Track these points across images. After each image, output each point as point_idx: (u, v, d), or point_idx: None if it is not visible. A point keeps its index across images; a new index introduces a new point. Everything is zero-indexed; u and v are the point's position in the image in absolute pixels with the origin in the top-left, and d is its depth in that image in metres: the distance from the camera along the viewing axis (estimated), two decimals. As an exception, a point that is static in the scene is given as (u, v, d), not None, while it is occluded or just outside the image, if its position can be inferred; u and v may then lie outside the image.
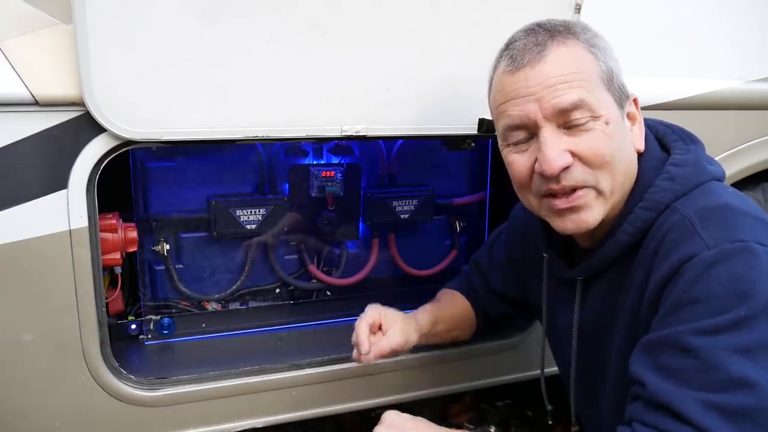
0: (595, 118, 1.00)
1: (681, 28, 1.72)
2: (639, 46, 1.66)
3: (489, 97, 1.14)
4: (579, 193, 1.02)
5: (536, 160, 1.03)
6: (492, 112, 1.13)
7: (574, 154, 1.00)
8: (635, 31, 1.66)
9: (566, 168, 1.00)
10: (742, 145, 1.78)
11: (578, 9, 1.44)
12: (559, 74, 1.00)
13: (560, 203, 1.04)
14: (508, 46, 1.08)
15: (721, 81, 1.73)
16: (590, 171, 1.01)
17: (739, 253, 0.90)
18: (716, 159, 1.72)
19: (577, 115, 1.00)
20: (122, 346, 1.56)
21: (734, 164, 1.78)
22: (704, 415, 0.85)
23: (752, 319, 0.87)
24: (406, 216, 1.81)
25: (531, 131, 1.04)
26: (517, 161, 1.07)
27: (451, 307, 1.49)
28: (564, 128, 1.01)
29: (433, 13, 1.34)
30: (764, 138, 1.81)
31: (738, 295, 0.88)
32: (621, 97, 1.05)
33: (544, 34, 1.03)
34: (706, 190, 1.03)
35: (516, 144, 1.07)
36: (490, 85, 1.12)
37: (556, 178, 1.01)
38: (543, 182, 1.04)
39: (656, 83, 1.66)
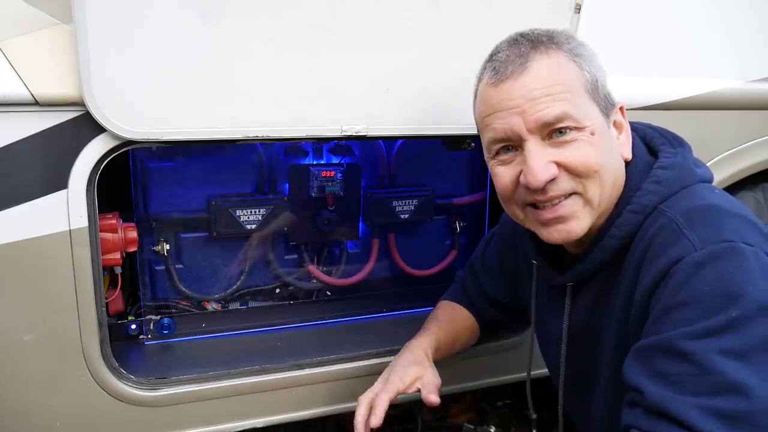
0: (579, 129, 1.00)
1: (681, 28, 1.72)
2: (639, 45, 1.66)
3: (473, 108, 1.13)
4: (565, 202, 1.02)
5: (521, 172, 1.03)
6: (477, 124, 1.13)
7: (560, 165, 1.00)
8: (635, 30, 1.66)
9: (552, 180, 1.00)
10: (742, 145, 1.78)
11: (578, 9, 1.44)
12: (542, 86, 0.99)
13: (546, 214, 1.03)
14: (491, 57, 1.07)
15: (721, 81, 1.73)
16: (578, 180, 1.01)
17: (726, 253, 0.90)
18: (716, 159, 1.75)
19: (562, 128, 0.99)
20: (122, 346, 1.55)
21: (734, 164, 1.78)
22: (703, 420, 0.85)
23: (744, 320, 0.86)
24: (406, 216, 1.81)
25: (516, 144, 1.03)
26: (502, 174, 1.07)
27: (449, 324, 1.45)
28: (548, 140, 1.01)
29: (433, 12, 1.34)
30: (764, 138, 1.81)
31: (726, 296, 0.87)
32: (606, 105, 1.05)
33: (526, 45, 1.02)
34: (691, 192, 1.02)
35: (501, 156, 1.07)
36: (475, 96, 1.12)
37: (543, 189, 1.00)
38: (527, 193, 1.03)
39: (656, 83, 1.66)
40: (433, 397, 1.21)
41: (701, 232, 0.93)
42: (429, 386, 1.23)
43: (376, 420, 1.16)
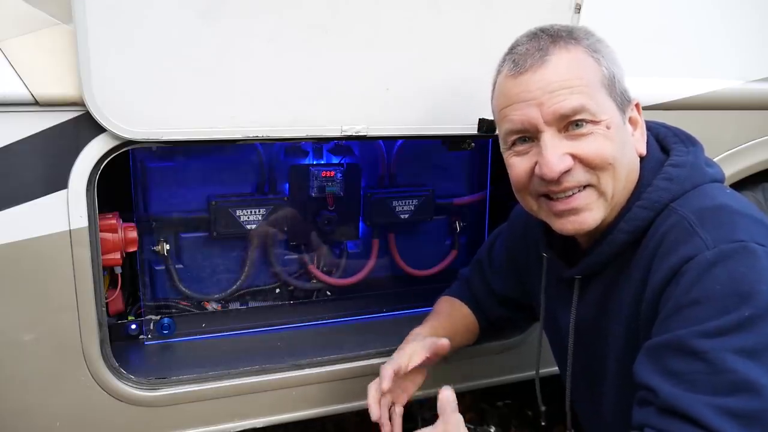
0: (595, 122, 1.01)
1: (681, 28, 1.72)
2: (639, 46, 1.66)
3: (492, 100, 1.14)
4: (578, 194, 1.03)
5: (536, 163, 1.04)
6: (494, 115, 1.14)
7: (575, 157, 1.02)
8: (635, 30, 1.66)
9: (567, 171, 1.01)
10: (742, 145, 1.78)
11: (578, 9, 1.44)
12: (560, 79, 1.00)
13: (559, 205, 1.05)
14: (511, 50, 1.08)
15: (721, 81, 1.73)
16: (592, 172, 1.02)
17: (738, 253, 0.91)
18: (716, 159, 1.75)
19: (578, 120, 1.01)
20: (122, 346, 1.55)
21: (734, 164, 1.78)
22: (718, 419, 0.85)
23: (756, 319, 0.87)
24: (406, 216, 1.81)
25: (532, 135, 1.05)
26: (517, 164, 1.09)
27: (448, 319, 1.47)
28: (564, 132, 1.02)
29: (433, 12, 1.34)
30: (764, 138, 1.81)
31: (739, 296, 0.88)
32: (623, 102, 1.06)
33: (546, 39, 1.04)
34: (702, 192, 1.03)
35: (517, 147, 1.08)
36: (494, 88, 1.13)
37: (557, 180, 1.02)
38: (541, 183, 1.05)
39: (656, 83, 1.66)
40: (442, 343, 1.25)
41: (713, 231, 0.94)
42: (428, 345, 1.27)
43: (386, 384, 1.20)
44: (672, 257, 0.95)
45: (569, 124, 1.01)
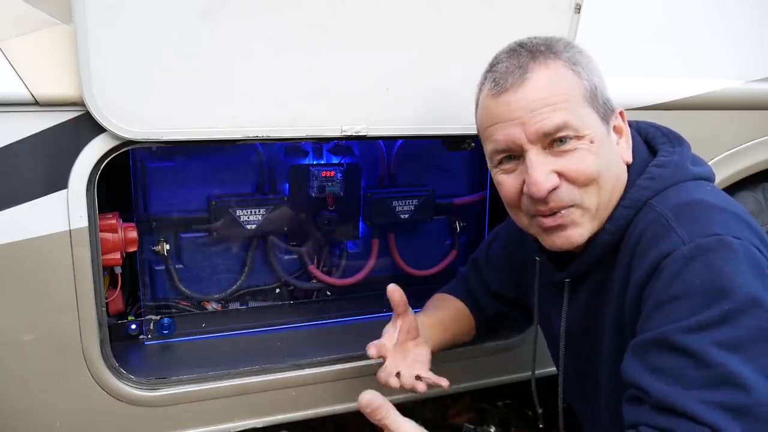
0: (579, 138, 1.01)
1: (681, 28, 1.72)
2: (639, 45, 1.66)
3: (475, 117, 1.14)
4: (563, 212, 1.04)
5: (524, 181, 1.05)
6: (479, 133, 1.14)
7: (560, 174, 1.02)
8: (635, 30, 1.66)
9: (554, 189, 1.02)
10: (742, 145, 1.79)
11: (578, 9, 1.44)
12: (541, 97, 1.01)
13: (548, 222, 1.06)
14: (491, 68, 1.08)
15: (721, 81, 1.73)
16: (576, 190, 1.03)
17: (715, 246, 0.91)
18: (716, 159, 1.75)
19: (562, 137, 1.01)
20: (122, 346, 1.55)
21: (734, 164, 1.78)
22: (710, 413, 0.85)
23: (736, 312, 0.87)
24: (406, 216, 1.81)
25: (517, 154, 1.05)
26: (506, 183, 1.09)
27: (436, 310, 1.46)
28: (549, 149, 1.02)
29: (433, 12, 1.34)
30: (764, 138, 1.81)
31: (718, 289, 0.88)
32: (606, 112, 1.06)
33: (525, 55, 1.04)
34: (682, 189, 1.04)
35: (503, 166, 1.09)
36: (477, 105, 1.13)
37: (544, 199, 1.02)
38: (532, 203, 1.06)
39: (656, 83, 1.66)
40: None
41: (688, 226, 0.95)
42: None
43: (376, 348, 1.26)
44: (651, 253, 0.96)
45: (553, 141, 1.01)
